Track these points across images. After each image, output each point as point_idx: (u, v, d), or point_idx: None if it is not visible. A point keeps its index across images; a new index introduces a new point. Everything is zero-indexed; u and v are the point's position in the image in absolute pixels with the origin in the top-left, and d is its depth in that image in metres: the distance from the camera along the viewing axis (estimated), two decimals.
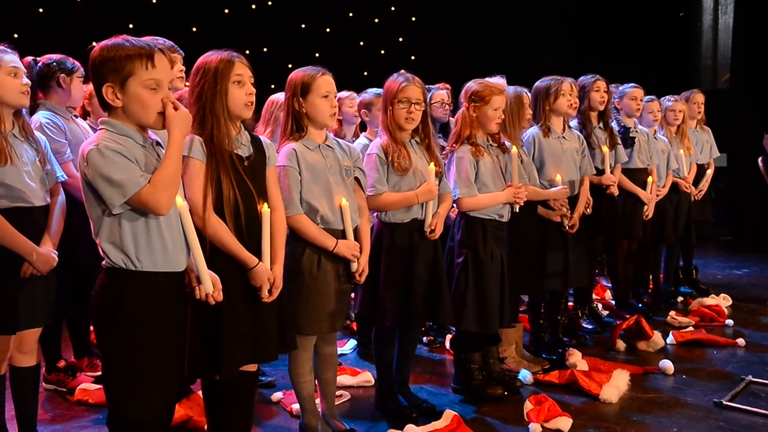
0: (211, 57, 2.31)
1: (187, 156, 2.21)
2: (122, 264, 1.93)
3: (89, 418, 3.11)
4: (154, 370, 1.97)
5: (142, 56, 1.91)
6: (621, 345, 4.07)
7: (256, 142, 2.42)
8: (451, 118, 4.16)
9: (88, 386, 3.27)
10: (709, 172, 5.28)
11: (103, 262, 1.97)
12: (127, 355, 1.94)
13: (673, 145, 4.99)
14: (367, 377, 3.52)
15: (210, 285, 2.08)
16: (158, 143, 2.06)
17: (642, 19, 8.59)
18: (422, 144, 3.04)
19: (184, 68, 2.95)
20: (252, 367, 2.41)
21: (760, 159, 3.20)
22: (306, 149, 2.65)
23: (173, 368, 2.06)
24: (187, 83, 2.67)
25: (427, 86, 4.12)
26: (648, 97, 4.75)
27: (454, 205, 3.27)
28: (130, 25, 6.07)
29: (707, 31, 8.97)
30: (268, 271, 2.30)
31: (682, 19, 9.01)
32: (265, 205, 2.29)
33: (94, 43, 1.97)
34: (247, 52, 6.26)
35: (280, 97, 3.56)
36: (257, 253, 2.30)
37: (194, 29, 6.99)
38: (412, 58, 8.25)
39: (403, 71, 2.97)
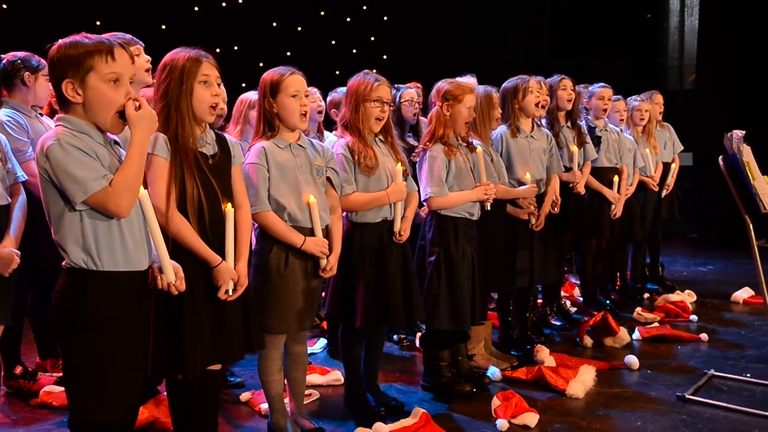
0: (178, 54, 2.29)
1: (152, 153, 2.19)
2: (83, 264, 1.90)
3: (52, 421, 3.05)
4: (117, 371, 1.94)
5: (101, 51, 1.88)
6: (588, 341, 4.13)
7: (221, 141, 2.41)
8: (422, 118, 4.18)
9: (51, 389, 3.21)
10: (674, 166, 5.39)
11: (64, 263, 1.93)
12: (89, 357, 1.91)
13: (639, 144, 5.08)
14: (336, 376, 3.52)
15: (172, 274, 2.06)
16: (116, 142, 2.03)
17: (611, 20, 8.73)
18: (386, 143, 3.05)
19: (150, 58, 2.89)
20: (216, 366, 2.39)
21: (720, 158, 3.27)
22: (276, 148, 2.65)
23: (137, 369, 2.04)
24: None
25: (397, 85, 4.17)
26: (614, 97, 4.82)
27: (424, 203, 3.29)
28: (98, 23, 5.98)
29: (674, 32, 9.16)
30: (232, 270, 2.28)
31: (649, 20, 9.17)
32: (229, 204, 2.28)
33: (60, 41, 1.94)
34: (218, 50, 6.23)
35: (249, 96, 3.55)
36: (221, 251, 2.28)
37: (163, 27, 6.91)
38: (384, 57, 8.26)
39: (367, 71, 2.98)
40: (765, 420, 3.04)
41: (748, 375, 3.60)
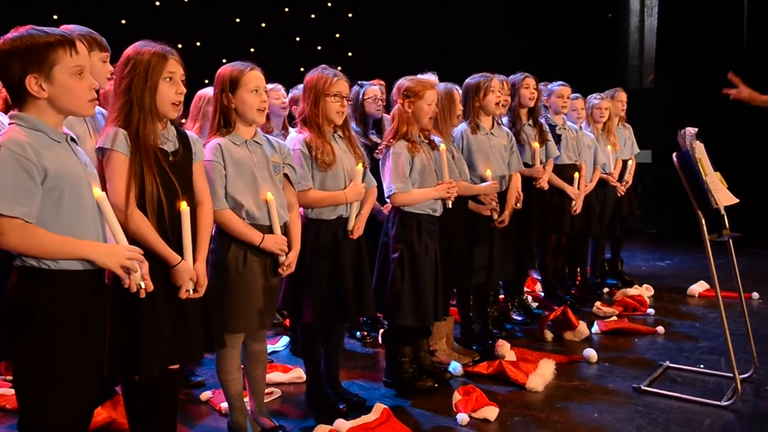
0: (143, 48, 2.25)
1: (111, 149, 2.16)
2: (35, 263, 1.85)
3: (4, 424, 2.98)
4: (70, 372, 1.90)
5: (63, 43, 1.87)
6: (548, 335, 4.19)
7: (182, 137, 2.37)
8: (385, 115, 4.19)
9: (5, 391, 3.14)
10: (631, 163, 5.50)
11: (15, 261, 1.89)
12: (41, 357, 1.87)
13: (599, 142, 5.17)
14: (298, 374, 3.50)
15: (139, 275, 2.03)
16: (72, 139, 1.99)
17: (573, 20, 8.87)
18: (344, 138, 3.06)
19: (112, 69, 2.85)
20: (174, 366, 2.36)
21: (674, 154, 3.36)
22: (232, 144, 2.62)
23: (91, 370, 1.99)
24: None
25: (360, 82, 4.17)
26: (573, 95, 4.89)
27: (387, 200, 3.29)
28: (55, 17, 5.84)
29: (634, 32, 9.34)
30: (191, 269, 2.26)
31: (610, 20, 9.34)
32: (184, 203, 2.25)
33: (7, 36, 1.89)
34: (180, 46, 6.12)
35: (207, 91, 3.50)
36: (180, 250, 2.26)
37: (123, 21, 6.79)
38: (349, 54, 8.25)
39: (325, 65, 2.98)
40: (717, 409, 3.13)
41: (702, 366, 3.70)
